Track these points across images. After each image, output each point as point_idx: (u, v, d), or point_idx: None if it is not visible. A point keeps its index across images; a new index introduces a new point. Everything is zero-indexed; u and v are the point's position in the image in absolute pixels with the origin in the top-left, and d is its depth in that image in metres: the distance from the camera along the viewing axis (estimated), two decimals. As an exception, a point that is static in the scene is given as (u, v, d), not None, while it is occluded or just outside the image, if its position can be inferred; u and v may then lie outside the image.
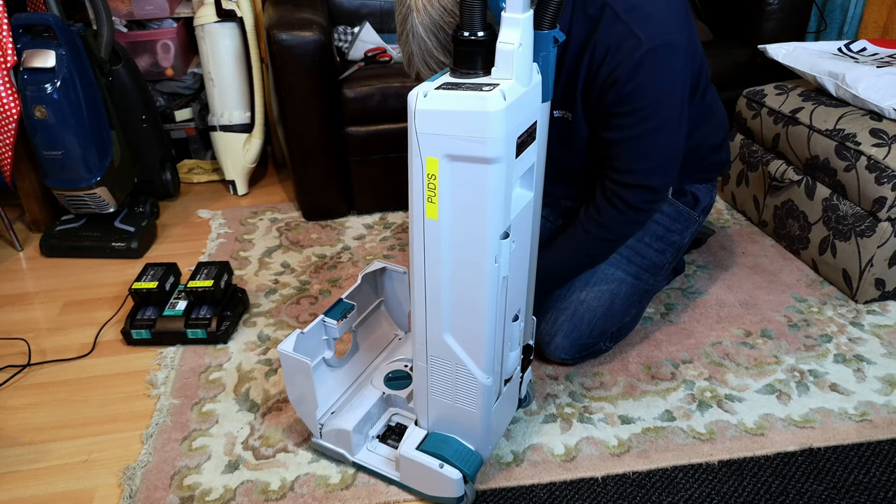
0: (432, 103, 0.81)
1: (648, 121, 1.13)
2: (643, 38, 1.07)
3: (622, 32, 1.08)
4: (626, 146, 1.17)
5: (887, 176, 1.46)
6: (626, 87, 1.10)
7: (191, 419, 1.31)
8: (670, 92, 1.13)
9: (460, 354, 0.99)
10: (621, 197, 1.20)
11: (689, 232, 1.44)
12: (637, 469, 1.18)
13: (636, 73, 1.09)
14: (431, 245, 0.91)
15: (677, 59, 1.11)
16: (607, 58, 1.10)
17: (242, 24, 2.04)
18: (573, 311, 1.33)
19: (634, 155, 1.17)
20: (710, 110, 1.36)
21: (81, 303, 1.70)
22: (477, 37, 0.81)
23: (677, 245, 1.42)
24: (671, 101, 1.14)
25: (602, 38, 1.10)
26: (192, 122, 2.28)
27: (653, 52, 1.08)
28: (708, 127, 1.36)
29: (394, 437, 1.19)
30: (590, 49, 1.12)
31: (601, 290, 1.34)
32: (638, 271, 1.36)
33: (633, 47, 1.08)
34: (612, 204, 1.21)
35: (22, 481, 1.20)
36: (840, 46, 1.84)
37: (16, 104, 1.73)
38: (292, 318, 1.60)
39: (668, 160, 1.20)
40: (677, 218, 1.41)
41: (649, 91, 1.11)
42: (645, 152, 1.17)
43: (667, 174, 1.21)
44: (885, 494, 1.12)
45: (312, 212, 2.05)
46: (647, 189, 1.19)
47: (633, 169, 1.18)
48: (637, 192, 1.19)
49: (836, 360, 1.42)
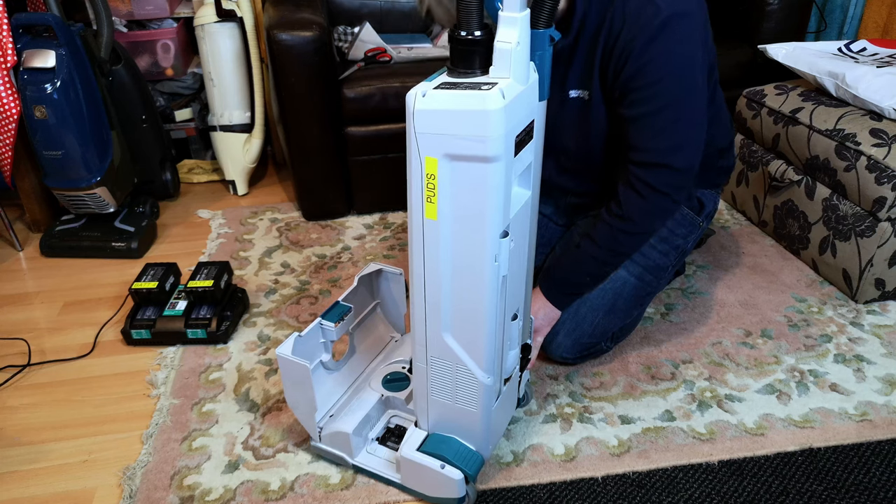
0: (431, 103, 0.81)
1: (667, 94, 1.10)
2: (661, 6, 1.05)
3: (640, 1, 1.07)
4: (644, 122, 1.12)
5: (887, 176, 1.46)
6: (643, 57, 1.08)
7: (191, 419, 1.31)
8: (689, 63, 1.10)
9: (460, 354, 0.99)
10: (642, 179, 1.14)
11: (692, 237, 1.43)
12: (637, 469, 1.18)
13: (653, 41, 1.06)
14: (431, 245, 0.91)
15: (696, 30, 1.09)
16: (624, 28, 1.08)
17: (242, 24, 2.05)
18: (575, 309, 1.33)
19: (654, 131, 1.12)
20: (719, 112, 1.33)
21: (81, 303, 1.70)
22: (474, 36, 0.81)
23: (681, 249, 1.41)
24: (690, 73, 1.10)
25: (619, 9, 1.09)
26: (192, 122, 2.28)
27: (671, 21, 1.05)
28: (716, 128, 1.33)
29: (393, 439, 1.18)
30: (608, 22, 1.10)
31: (604, 289, 1.33)
32: (641, 272, 1.36)
33: (651, 15, 1.06)
34: (635, 189, 1.15)
35: (22, 481, 1.20)
36: (840, 46, 1.84)
37: (16, 104, 1.73)
38: (292, 318, 1.60)
39: (691, 137, 1.14)
40: (682, 222, 1.39)
41: (667, 61, 1.08)
42: (664, 128, 1.12)
43: (690, 154, 1.15)
44: (885, 494, 1.12)
45: (312, 212, 2.05)
46: (669, 169, 1.13)
47: (653, 147, 1.13)
48: (659, 173, 1.13)
49: (836, 360, 1.42)
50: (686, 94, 1.11)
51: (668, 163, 1.13)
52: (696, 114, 1.13)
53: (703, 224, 1.44)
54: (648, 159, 1.14)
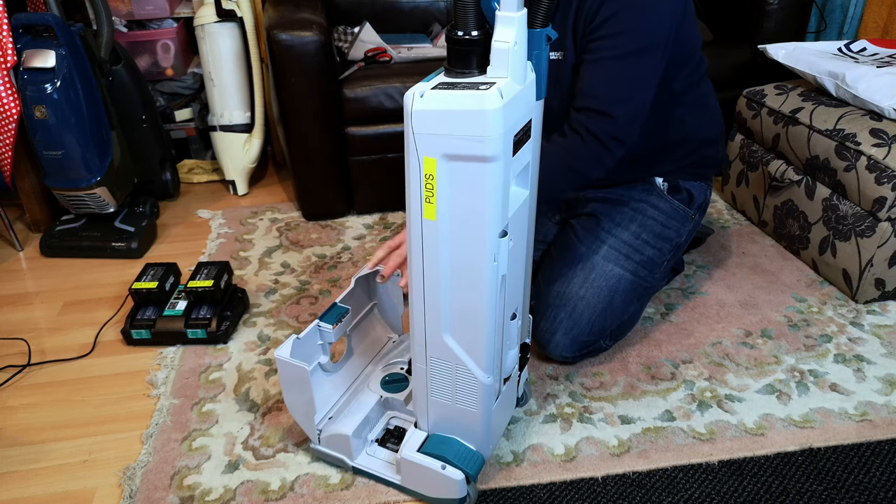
0: (429, 103, 0.81)
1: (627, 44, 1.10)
2: None
3: None
4: (597, 67, 1.13)
5: (887, 176, 1.45)
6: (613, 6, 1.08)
7: (191, 419, 1.31)
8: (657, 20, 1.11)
9: (460, 355, 0.99)
10: (583, 123, 1.16)
11: (685, 230, 1.44)
12: (637, 469, 1.18)
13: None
14: (430, 246, 0.91)
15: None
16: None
17: (242, 24, 2.05)
18: (572, 308, 1.33)
19: (603, 78, 1.13)
20: (705, 101, 1.34)
21: (81, 303, 1.70)
22: (471, 36, 0.81)
23: (675, 243, 1.42)
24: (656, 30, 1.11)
25: None
26: (192, 122, 2.28)
27: None
28: (702, 118, 1.34)
29: (393, 440, 1.18)
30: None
31: (600, 287, 1.34)
32: (636, 267, 1.37)
33: None
34: (575, 130, 1.17)
35: (22, 481, 1.20)
36: (840, 46, 1.83)
37: (16, 104, 1.73)
38: (292, 318, 1.60)
39: (637, 93, 1.15)
40: (673, 215, 1.40)
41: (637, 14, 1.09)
42: (614, 77, 1.13)
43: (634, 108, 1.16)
44: (885, 494, 1.12)
45: (312, 212, 2.05)
46: (608, 117, 1.15)
47: (598, 94, 1.14)
48: (598, 121, 1.15)
49: (836, 360, 1.42)
50: (647, 48, 1.12)
51: (608, 112, 1.15)
52: (649, 71, 1.14)
53: (695, 216, 1.45)
54: (590, 105, 1.15)
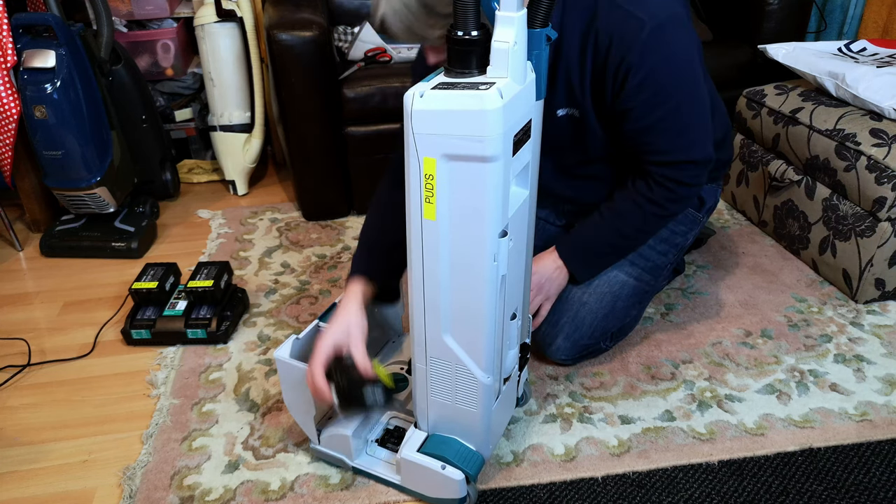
0: (429, 103, 0.81)
1: (675, 97, 1.11)
2: (645, 18, 1.04)
3: (621, 17, 1.05)
4: (659, 127, 1.14)
5: (887, 176, 1.45)
6: (641, 72, 1.07)
7: (191, 419, 1.31)
8: (687, 64, 1.11)
9: (460, 355, 0.99)
10: (669, 177, 1.17)
11: (692, 233, 1.43)
12: (637, 469, 1.18)
13: (647, 54, 1.06)
14: (430, 246, 0.91)
15: (686, 29, 1.09)
16: (612, 47, 1.07)
17: (242, 24, 2.05)
18: (574, 312, 1.33)
19: (671, 134, 1.15)
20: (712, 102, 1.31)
21: (81, 303, 1.70)
22: (471, 36, 0.81)
23: (680, 246, 1.42)
24: (691, 72, 1.12)
25: (602, 28, 1.07)
26: (192, 122, 2.28)
27: (658, 29, 1.05)
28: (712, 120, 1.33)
29: (392, 440, 1.18)
30: (591, 41, 1.09)
31: (603, 293, 1.33)
32: (640, 273, 1.36)
33: (636, 29, 1.05)
34: (663, 185, 1.18)
35: (22, 481, 1.20)
36: (840, 46, 1.83)
37: (16, 104, 1.73)
38: (292, 318, 1.60)
39: (704, 129, 1.18)
40: (682, 220, 1.39)
41: (666, 68, 1.08)
42: (680, 129, 1.14)
43: (706, 143, 1.19)
44: (885, 494, 1.12)
45: (312, 212, 2.05)
46: (692, 163, 1.17)
47: (673, 148, 1.16)
48: (683, 168, 1.17)
49: (836, 360, 1.42)
50: (691, 91, 1.13)
51: (690, 159, 1.17)
52: (703, 106, 1.16)
53: (703, 219, 1.45)
54: (671, 159, 1.17)
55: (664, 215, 1.24)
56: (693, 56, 1.12)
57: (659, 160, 1.17)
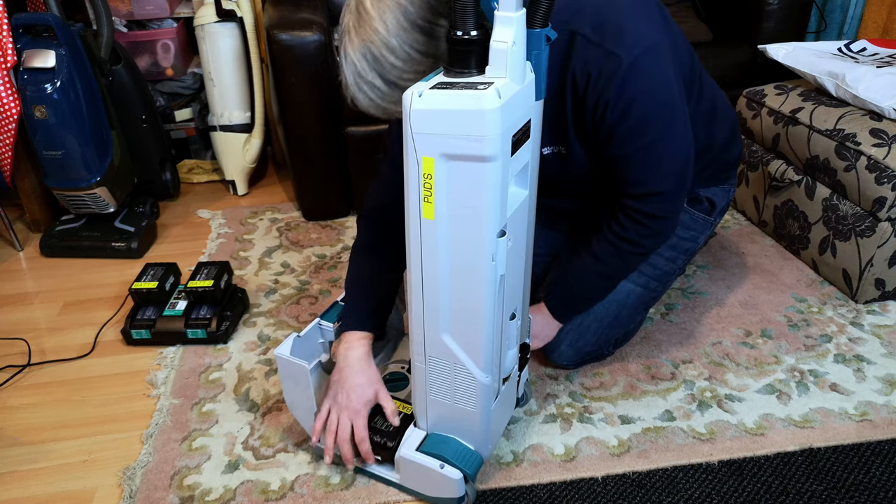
0: (428, 103, 0.81)
1: (651, 131, 1.09)
2: (622, 55, 1.02)
3: (598, 55, 1.04)
4: (635, 158, 1.12)
5: (887, 176, 1.45)
6: (619, 106, 1.06)
7: (191, 419, 1.31)
8: (666, 96, 1.09)
9: (459, 354, 0.99)
10: (639, 210, 1.15)
11: (703, 237, 1.41)
12: (637, 469, 1.18)
13: (625, 88, 1.04)
14: (428, 245, 0.91)
15: (663, 61, 1.07)
16: (590, 85, 1.05)
17: (242, 24, 2.05)
18: (580, 321, 1.32)
19: (644, 165, 1.13)
20: (713, 105, 1.31)
21: (81, 303, 1.70)
22: (470, 36, 0.81)
23: (690, 251, 1.40)
24: (670, 104, 1.10)
25: (579, 66, 1.05)
26: (192, 122, 2.28)
27: (635, 64, 1.03)
28: (714, 124, 1.31)
29: None
30: (569, 79, 1.07)
31: (609, 301, 1.32)
32: (647, 281, 1.34)
33: (614, 66, 1.03)
34: (634, 219, 1.16)
35: (22, 481, 1.20)
36: (840, 46, 1.83)
37: (16, 104, 1.73)
38: (292, 318, 1.60)
39: (681, 162, 1.15)
40: (691, 226, 1.37)
41: (645, 101, 1.07)
42: (655, 161, 1.12)
43: (681, 176, 1.16)
44: (885, 494, 1.12)
45: (312, 212, 2.05)
46: (662, 195, 1.15)
47: (644, 179, 1.13)
48: (654, 200, 1.15)
49: (836, 360, 1.42)
50: (670, 121, 1.11)
51: (661, 190, 1.14)
52: (681, 137, 1.13)
53: (714, 221, 1.42)
54: (642, 191, 1.14)
55: (640, 252, 1.22)
56: (670, 84, 1.09)
57: (632, 192, 1.15)
